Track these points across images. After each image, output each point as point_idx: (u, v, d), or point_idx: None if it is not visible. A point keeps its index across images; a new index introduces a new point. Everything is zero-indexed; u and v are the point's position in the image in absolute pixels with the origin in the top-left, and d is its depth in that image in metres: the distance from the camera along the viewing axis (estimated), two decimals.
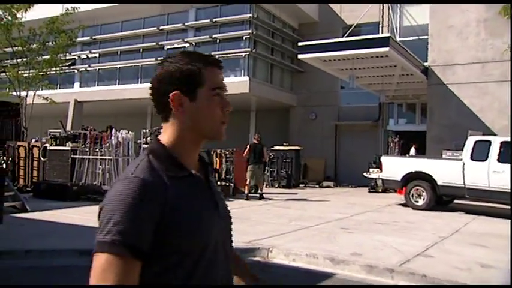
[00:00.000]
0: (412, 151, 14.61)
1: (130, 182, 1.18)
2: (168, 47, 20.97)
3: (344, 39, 15.63)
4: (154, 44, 21.08)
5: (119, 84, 22.14)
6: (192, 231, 1.23)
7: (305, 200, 14.23)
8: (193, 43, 20.44)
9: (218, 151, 16.04)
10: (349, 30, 17.95)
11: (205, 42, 20.13)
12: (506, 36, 15.55)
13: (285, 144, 19.88)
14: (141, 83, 21.38)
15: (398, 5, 20.20)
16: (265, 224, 9.38)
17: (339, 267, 6.40)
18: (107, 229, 1.13)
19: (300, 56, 15.02)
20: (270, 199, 13.99)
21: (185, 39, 20.37)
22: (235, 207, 11.31)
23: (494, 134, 14.23)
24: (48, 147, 13.39)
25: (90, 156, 12.46)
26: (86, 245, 7.07)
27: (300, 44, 15.69)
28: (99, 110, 23.85)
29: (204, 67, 1.32)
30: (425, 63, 17.05)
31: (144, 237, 1.15)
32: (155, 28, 21.01)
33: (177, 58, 1.33)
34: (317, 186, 19.77)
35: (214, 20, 19.65)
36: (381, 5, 20.32)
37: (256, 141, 14.05)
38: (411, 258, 6.63)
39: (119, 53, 22.45)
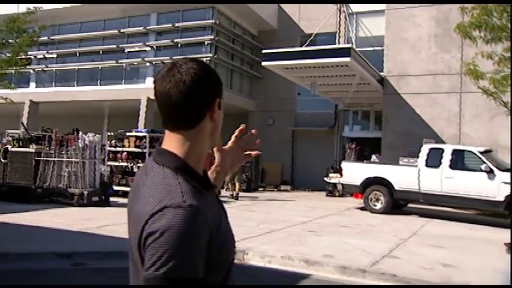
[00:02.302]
0: (373, 158, 15.32)
1: (188, 213, 1.13)
2: (129, 50, 20.85)
3: (307, 48, 16.17)
4: (114, 46, 20.89)
5: (77, 86, 21.76)
6: (227, 247, 1.27)
7: (267, 203, 14.63)
8: (155, 47, 20.42)
9: None
10: (309, 39, 18.54)
11: (166, 47, 20.15)
12: (454, 51, 16.63)
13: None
14: (100, 85, 21.13)
15: (355, 16, 21.01)
16: (235, 226, 9.34)
17: (314, 269, 6.79)
18: (169, 266, 1.09)
19: (264, 63, 15.43)
20: (233, 202, 14.29)
21: (146, 43, 20.31)
22: None
23: (443, 142, 15.16)
24: (10, 149, 13.14)
25: (56, 159, 12.33)
26: (63, 248, 7.19)
27: (264, 51, 16.07)
28: (55, 111, 23.35)
29: (218, 81, 1.37)
30: (381, 73, 17.87)
31: (202, 266, 1.14)
32: (116, 31, 20.83)
33: (201, 66, 1.29)
34: (275, 189, 20.23)
35: (176, 24, 19.73)
36: (339, 15, 21.07)
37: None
38: (379, 259, 7.13)
39: (77, 54, 22.06)
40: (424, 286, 5.87)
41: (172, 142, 1.30)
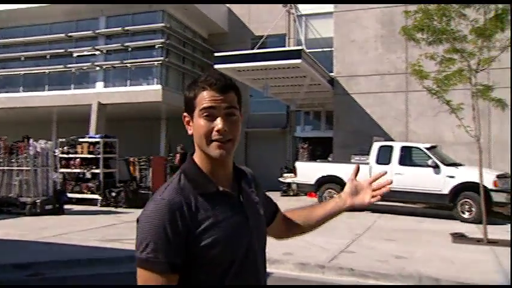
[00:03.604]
0: (330, 158, 15.75)
1: (158, 204, 1.34)
2: (77, 54, 20.37)
3: (259, 50, 16.39)
4: (62, 50, 20.36)
5: (23, 92, 21.06)
6: (217, 245, 1.35)
7: None
8: (104, 51, 20.06)
9: (131, 159, 16.03)
10: (260, 42, 18.81)
11: (116, 50, 19.84)
12: (399, 52, 17.30)
13: None
14: (48, 90, 20.56)
15: (304, 18, 21.45)
16: None
17: (274, 267, 6.95)
18: (142, 247, 1.31)
19: (216, 66, 15.49)
20: None
21: (95, 47, 19.93)
22: None
23: (392, 140, 15.74)
24: None
25: (6, 168, 11.96)
26: (19, 259, 7.04)
27: (216, 54, 16.14)
28: (1, 117, 22.45)
29: (200, 91, 1.45)
30: (331, 74, 18.34)
31: (174, 253, 1.31)
32: (63, 34, 20.33)
33: (189, 85, 1.52)
34: None
35: (126, 28, 19.48)
36: (288, 18, 21.45)
37: (182, 150, 14.78)
38: (337, 254, 7.42)
39: (22, 58, 21.34)
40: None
41: None
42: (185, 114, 1.50)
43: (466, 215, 11.42)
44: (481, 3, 8.88)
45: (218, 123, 1.41)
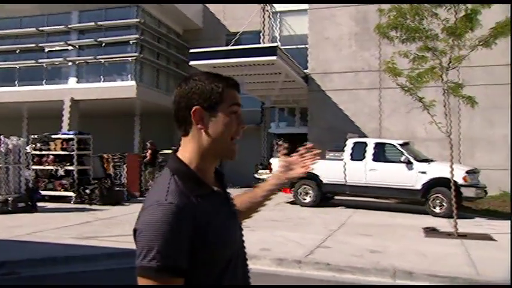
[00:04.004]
0: None
1: (165, 209, 1.27)
2: (49, 49, 20.00)
3: (235, 47, 16.42)
4: (33, 45, 19.95)
5: None
6: (219, 244, 1.35)
7: None
8: (77, 46, 19.75)
9: (105, 156, 15.86)
10: (235, 38, 18.83)
11: (90, 46, 19.55)
12: (372, 49, 17.55)
13: (173, 148, 20.08)
14: (18, 85, 20.12)
15: (278, 15, 21.53)
16: None
17: (251, 262, 6.89)
18: (151, 256, 1.23)
19: (191, 63, 15.44)
20: None
21: (68, 42, 19.60)
22: (132, 211, 11.43)
23: (365, 136, 15.99)
24: None
25: None
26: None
27: (191, 51, 16.08)
28: None
29: (226, 87, 1.43)
30: (306, 71, 18.48)
31: (183, 258, 1.27)
32: (34, 29, 19.91)
33: (202, 77, 1.44)
34: None
35: (99, 23, 19.20)
36: (263, 14, 21.50)
37: (152, 147, 14.71)
38: (313, 249, 7.52)
39: None
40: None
41: (181, 147, 1.46)
42: (197, 107, 1.40)
43: (438, 210, 11.70)
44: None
45: (243, 124, 1.43)
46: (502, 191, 14.95)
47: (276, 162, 14.48)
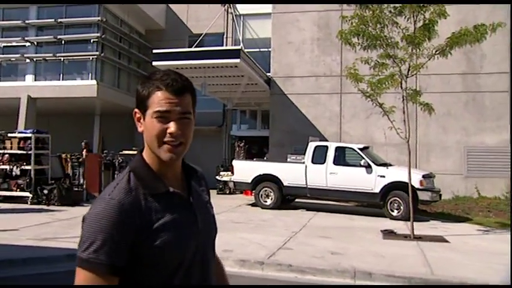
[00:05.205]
0: (266, 157, 16.02)
1: (107, 204, 1.30)
2: (5, 44, 19.37)
3: (199, 49, 16.37)
4: None
5: None
6: (166, 246, 1.33)
7: None
8: (35, 42, 19.20)
9: (64, 156, 15.53)
10: (198, 40, 18.79)
11: (49, 43, 19.02)
12: (334, 54, 17.87)
13: (134, 148, 19.82)
14: None
15: (242, 17, 21.62)
16: None
17: None
18: (85, 247, 1.26)
19: (154, 63, 15.28)
20: None
21: (26, 38, 19.03)
22: None
23: (326, 140, 16.26)
24: None
25: None
26: None
27: (155, 51, 15.94)
28: None
29: (154, 90, 1.40)
30: (268, 74, 18.63)
31: (117, 255, 1.27)
32: None
33: (143, 79, 1.46)
34: None
35: (59, 20, 18.74)
36: (226, 17, 21.55)
37: (87, 146, 15.34)
38: (275, 251, 7.61)
39: None
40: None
41: None
42: (136, 110, 1.44)
43: (395, 213, 12.03)
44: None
45: (171, 126, 1.38)
46: (454, 195, 15.55)
47: (238, 165, 14.56)
